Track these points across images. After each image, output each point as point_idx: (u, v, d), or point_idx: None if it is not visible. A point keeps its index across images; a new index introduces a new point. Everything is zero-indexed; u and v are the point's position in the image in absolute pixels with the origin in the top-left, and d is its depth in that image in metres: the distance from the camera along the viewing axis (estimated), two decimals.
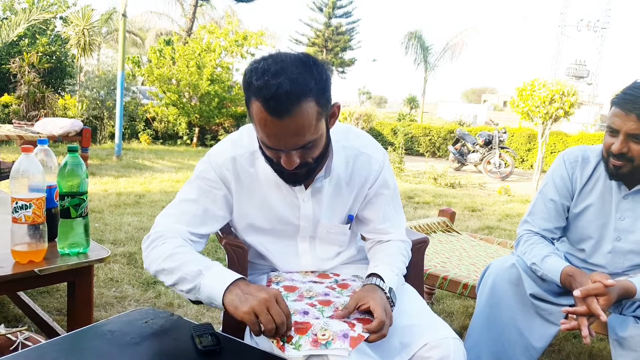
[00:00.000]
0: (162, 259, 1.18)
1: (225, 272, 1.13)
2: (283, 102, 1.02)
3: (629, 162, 1.50)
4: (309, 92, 1.04)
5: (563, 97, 8.73)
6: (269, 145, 1.11)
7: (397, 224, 1.41)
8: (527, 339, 1.61)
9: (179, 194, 1.32)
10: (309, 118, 1.06)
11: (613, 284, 1.37)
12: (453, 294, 2.88)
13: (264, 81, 1.02)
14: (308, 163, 1.15)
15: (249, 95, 1.08)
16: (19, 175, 1.47)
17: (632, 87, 1.49)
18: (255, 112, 1.07)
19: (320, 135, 1.12)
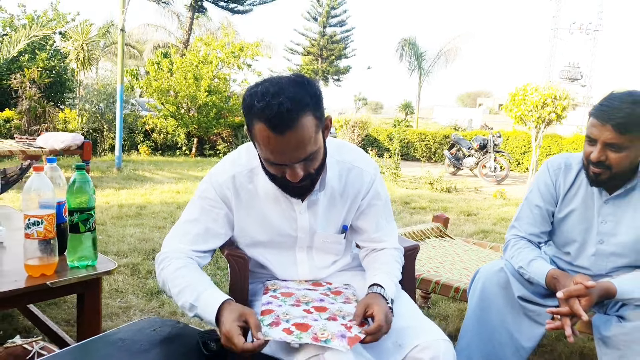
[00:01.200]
0: (168, 283, 1.29)
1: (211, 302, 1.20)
2: (285, 119, 1.11)
3: (607, 170, 1.59)
4: (306, 107, 1.14)
5: (555, 101, 8.85)
6: (274, 161, 1.19)
7: (390, 232, 1.49)
8: (516, 339, 1.69)
9: (183, 214, 1.41)
10: (308, 131, 1.15)
11: (593, 285, 1.45)
12: (449, 298, 2.96)
13: (266, 102, 1.11)
14: (311, 174, 1.23)
15: (250, 118, 1.17)
16: (31, 193, 1.55)
17: (607, 98, 1.58)
18: (259, 132, 1.15)
19: (320, 147, 1.21)
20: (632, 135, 1.51)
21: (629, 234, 1.66)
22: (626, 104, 1.51)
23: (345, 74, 30.01)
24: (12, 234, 1.92)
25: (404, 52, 26.76)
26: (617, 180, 1.63)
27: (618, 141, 1.52)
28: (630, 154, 1.55)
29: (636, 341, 1.46)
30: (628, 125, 1.50)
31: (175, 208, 5.24)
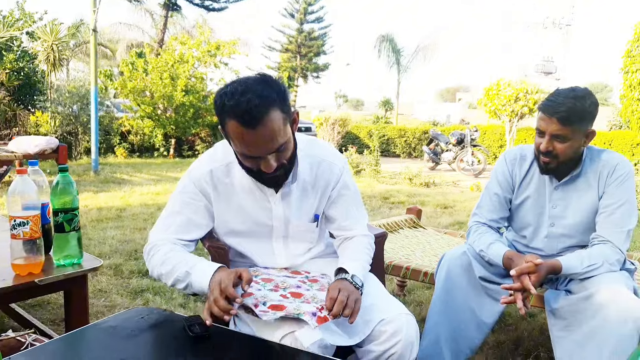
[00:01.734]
0: (158, 265, 1.41)
1: (206, 267, 1.36)
2: (254, 114, 1.22)
3: (555, 159, 1.74)
4: (273, 102, 1.25)
5: (527, 95, 9.13)
6: (249, 154, 1.30)
7: (359, 220, 1.62)
8: (478, 316, 1.84)
9: (165, 209, 1.52)
10: (277, 124, 1.26)
11: (541, 263, 1.61)
12: (423, 286, 3.11)
13: (235, 100, 1.23)
14: (284, 165, 1.35)
15: (223, 117, 1.28)
16: (16, 195, 1.62)
17: (553, 94, 1.73)
18: (232, 129, 1.26)
19: (289, 138, 1.33)
20: (574, 127, 1.67)
21: (575, 216, 1.82)
22: (569, 99, 1.66)
23: (325, 71, 30.12)
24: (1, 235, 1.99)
25: (382, 49, 27.02)
26: (564, 168, 1.78)
27: (563, 132, 1.67)
28: (574, 144, 1.71)
29: (579, 311, 1.62)
30: (570, 118, 1.65)
31: (156, 209, 5.30)
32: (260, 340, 1.26)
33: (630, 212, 1.75)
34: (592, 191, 1.80)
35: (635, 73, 8.16)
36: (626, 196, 1.75)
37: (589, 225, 1.81)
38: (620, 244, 1.71)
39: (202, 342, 1.22)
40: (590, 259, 1.67)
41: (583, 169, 1.81)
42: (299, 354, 1.21)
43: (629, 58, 8.29)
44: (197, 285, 1.35)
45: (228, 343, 1.25)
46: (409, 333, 1.35)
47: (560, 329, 1.70)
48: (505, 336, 2.49)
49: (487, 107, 9.74)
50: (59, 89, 12.07)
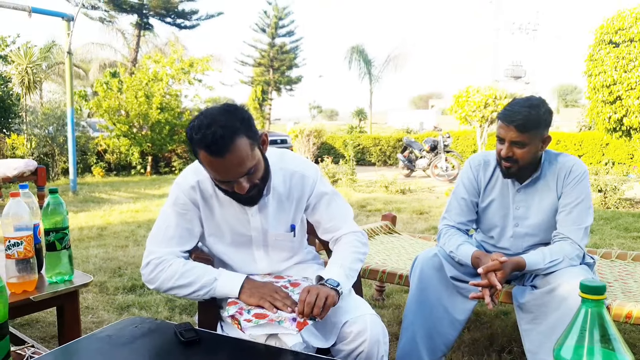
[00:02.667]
0: (176, 277, 1.50)
1: (233, 276, 1.51)
2: (220, 144, 1.32)
3: (515, 163, 1.88)
4: (238, 130, 1.35)
5: (496, 101, 9.42)
6: (221, 179, 1.42)
7: (344, 218, 1.67)
8: (451, 314, 1.96)
9: (160, 222, 1.59)
10: (245, 150, 1.36)
11: (506, 260, 1.74)
12: (401, 290, 3.23)
13: (202, 134, 1.33)
14: (256, 185, 1.45)
15: (194, 147, 1.40)
16: (10, 217, 1.70)
17: (511, 104, 1.88)
18: (203, 158, 1.38)
19: (258, 160, 1.42)
20: (530, 133, 1.81)
21: (537, 216, 1.97)
22: (524, 108, 1.81)
23: (298, 84, 30.32)
24: None
25: (353, 60, 27.37)
26: (524, 172, 1.93)
27: (520, 139, 1.82)
28: (532, 149, 1.85)
29: (544, 304, 1.76)
30: (527, 125, 1.80)
31: (136, 227, 5.34)
32: (247, 342, 1.35)
33: (587, 210, 1.90)
34: (552, 192, 1.95)
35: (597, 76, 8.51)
36: (582, 195, 1.90)
37: (551, 224, 1.96)
38: (579, 240, 1.86)
39: (193, 347, 1.31)
40: (552, 255, 1.80)
41: (542, 171, 1.95)
42: (284, 353, 1.31)
43: (591, 62, 8.64)
44: (223, 291, 1.49)
45: (217, 346, 1.34)
46: (374, 332, 1.42)
47: (528, 322, 1.84)
48: (480, 333, 2.62)
49: (457, 114, 10.01)
50: (34, 111, 11.98)
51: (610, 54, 8.24)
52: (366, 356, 1.42)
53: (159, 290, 1.55)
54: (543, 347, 1.77)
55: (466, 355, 2.38)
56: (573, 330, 0.75)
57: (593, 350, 0.72)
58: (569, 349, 0.74)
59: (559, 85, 63.46)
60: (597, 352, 0.72)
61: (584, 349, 0.73)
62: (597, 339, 0.73)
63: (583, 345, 0.73)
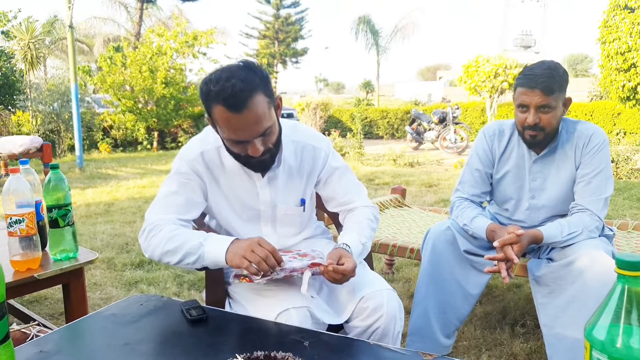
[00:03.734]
0: (164, 243, 1.40)
1: (220, 239, 1.38)
2: (239, 98, 1.25)
3: (541, 131, 1.80)
4: (257, 87, 1.28)
5: (506, 70, 9.22)
6: (236, 139, 1.33)
7: (357, 192, 1.63)
8: (464, 288, 1.91)
9: (162, 190, 1.52)
10: (262, 107, 1.29)
11: (523, 233, 1.68)
12: (411, 263, 3.20)
13: (221, 86, 1.26)
14: (270, 149, 1.38)
15: (209, 103, 1.31)
16: (10, 193, 1.66)
17: (528, 69, 1.79)
18: (219, 115, 1.29)
19: (274, 123, 1.36)
20: (555, 95, 1.73)
21: (555, 188, 1.90)
22: (545, 70, 1.74)
23: (303, 56, 29.93)
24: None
25: (359, 31, 26.93)
26: (548, 140, 1.85)
27: (547, 102, 1.73)
28: (557, 113, 1.77)
29: (561, 277, 1.70)
30: (552, 87, 1.72)
31: (143, 202, 5.32)
32: (256, 319, 1.31)
33: (607, 180, 1.82)
34: (570, 162, 1.87)
35: (612, 43, 8.29)
36: (602, 165, 1.82)
37: (568, 195, 1.89)
38: (599, 211, 1.79)
39: (200, 325, 1.27)
40: (570, 227, 1.74)
41: (560, 140, 1.87)
42: (294, 330, 1.27)
43: (605, 28, 8.40)
44: (211, 257, 1.36)
45: (224, 324, 1.30)
46: (391, 307, 1.39)
47: (544, 296, 1.79)
48: (493, 307, 2.59)
49: (467, 85, 9.83)
50: (38, 88, 11.93)
51: (625, 20, 8.00)
52: (382, 332, 1.39)
53: (152, 258, 1.45)
54: (559, 321, 1.72)
55: (479, 329, 2.35)
56: (607, 308, 0.69)
57: (631, 330, 0.66)
58: (603, 328, 0.68)
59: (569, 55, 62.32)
60: (635, 332, 0.66)
61: (619, 329, 0.67)
62: (635, 317, 0.66)
63: (618, 324, 0.67)
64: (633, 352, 0.66)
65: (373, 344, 1.17)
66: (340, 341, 1.20)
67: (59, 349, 1.17)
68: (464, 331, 2.32)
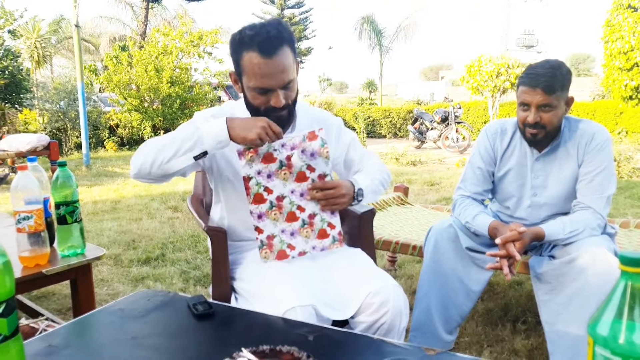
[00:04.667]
0: (153, 144, 1.44)
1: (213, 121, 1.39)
2: (272, 43, 1.35)
3: (542, 129, 1.81)
4: (286, 39, 1.39)
5: (509, 70, 9.22)
6: (262, 86, 1.39)
7: (370, 156, 1.75)
8: (466, 285, 1.93)
9: None
10: (289, 59, 1.39)
11: (525, 231, 1.70)
12: (413, 260, 3.22)
13: (256, 30, 1.36)
14: (288, 105, 1.44)
15: (240, 51, 1.38)
16: (18, 190, 1.69)
17: (531, 68, 1.80)
18: (249, 61, 1.37)
19: (295, 79, 1.44)
20: (557, 94, 1.75)
21: (557, 185, 1.91)
22: (547, 69, 1.75)
23: (307, 56, 29.99)
24: (2, 231, 2.05)
25: (363, 30, 26.92)
26: (550, 138, 1.86)
27: (548, 101, 1.75)
28: (558, 112, 1.79)
29: (563, 274, 1.72)
30: (554, 86, 1.73)
31: (150, 200, 5.36)
32: (262, 315, 1.34)
33: (610, 178, 1.83)
34: (572, 160, 1.88)
35: (615, 42, 8.27)
36: (605, 163, 1.83)
37: (570, 193, 1.90)
38: (601, 209, 1.80)
39: (206, 320, 1.30)
40: (572, 224, 1.75)
41: (562, 139, 1.89)
42: (299, 325, 1.29)
43: (608, 27, 8.38)
44: (211, 136, 1.36)
45: (231, 320, 1.32)
46: (397, 303, 1.41)
47: (545, 293, 1.80)
48: (494, 303, 2.60)
49: (469, 84, 9.83)
50: (45, 86, 11.99)
51: (629, 19, 7.99)
52: (388, 327, 1.40)
53: (144, 168, 1.43)
54: (561, 318, 1.74)
55: (480, 325, 2.37)
56: (610, 305, 0.70)
57: (634, 327, 0.67)
58: (606, 324, 0.69)
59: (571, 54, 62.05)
60: (638, 329, 0.67)
61: (622, 325, 0.68)
62: (638, 314, 0.67)
63: (622, 320, 0.68)
64: (636, 348, 0.67)
65: (377, 339, 1.19)
66: (344, 336, 1.22)
67: (67, 343, 1.20)
68: (466, 327, 2.33)
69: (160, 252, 3.48)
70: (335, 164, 1.71)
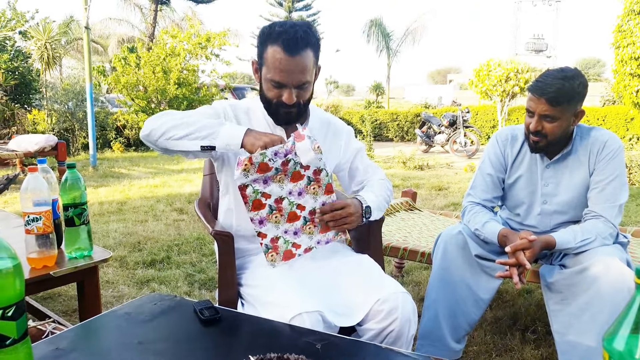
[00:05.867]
0: (174, 116, 1.48)
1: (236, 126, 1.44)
2: (298, 42, 1.40)
3: (544, 138, 1.80)
4: (312, 43, 1.44)
5: (518, 75, 9.18)
6: (279, 80, 1.43)
7: (375, 169, 1.79)
8: (475, 292, 1.91)
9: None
10: (310, 61, 1.44)
11: (535, 239, 1.68)
12: (421, 267, 3.19)
13: (285, 28, 1.41)
14: (299, 104, 1.48)
15: (266, 44, 1.43)
16: (28, 192, 1.69)
17: (543, 75, 1.78)
18: (272, 54, 1.41)
19: (312, 81, 1.49)
20: (562, 107, 1.72)
21: (567, 193, 1.89)
22: (557, 80, 1.72)
23: None
24: (11, 232, 2.05)
25: (371, 33, 26.92)
26: (554, 147, 1.85)
27: (551, 112, 1.73)
28: (563, 124, 1.76)
29: (574, 284, 1.69)
30: (559, 99, 1.71)
31: (155, 202, 5.37)
32: (269, 321, 1.33)
33: (621, 187, 1.81)
34: (583, 168, 1.86)
35: (626, 48, 8.21)
36: (617, 171, 1.81)
37: (581, 201, 1.88)
38: (613, 218, 1.78)
39: (213, 325, 1.29)
40: (584, 233, 1.73)
41: (574, 147, 1.87)
42: (306, 332, 1.28)
43: (619, 33, 8.32)
44: (226, 135, 1.40)
45: (237, 325, 1.32)
46: (406, 311, 1.40)
47: (556, 302, 1.78)
48: (503, 312, 2.58)
49: (478, 88, 9.79)
50: (54, 87, 12.06)
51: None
52: (396, 335, 1.39)
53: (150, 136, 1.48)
54: (572, 328, 1.71)
55: (489, 334, 2.34)
56: (627, 319, 0.69)
57: None
58: (622, 339, 0.68)
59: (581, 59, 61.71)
60: None
61: (638, 340, 0.67)
62: None
63: (638, 335, 0.67)
64: None
65: (385, 348, 1.18)
66: (352, 344, 1.20)
67: (74, 346, 1.19)
68: (474, 336, 2.31)
69: (165, 255, 3.48)
70: (340, 169, 1.75)
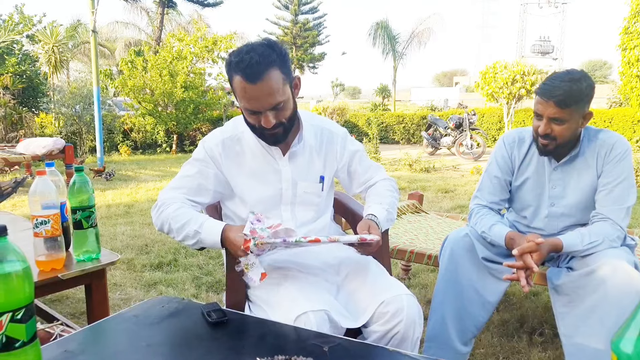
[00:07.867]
0: (169, 220, 1.52)
1: (213, 226, 1.47)
2: (254, 70, 1.35)
3: (553, 140, 1.79)
4: (273, 62, 1.38)
5: (524, 77, 9.15)
6: (250, 109, 1.42)
7: (376, 169, 1.77)
8: (482, 295, 1.90)
9: (179, 172, 1.65)
10: (276, 82, 1.38)
11: (543, 242, 1.67)
12: (427, 269, 3.19)
13: (240, 57, 1.38)
14: (282, 123, 1.45)
15: (230, 73, 1.41)
16: (37, 195, 1.70)
17: (550, 78, 1.78)
18: (237, 84, 1.40)
19: (288, 98, 1.44)
20: (571, 109, 1.72)
21: (575, 196, 1.88)
22: (565, 82, 1.71)
23: (321, 61, 30.06)
24: (19, 235, 2.07)
25: (377, 36, 26.93)
26: (562, 149, 1.84)
27: (560, 115, 1.73)
28: (571, 126, 1.76)
29: (581, 286, 1.69)
30: (567, 101, 1.70)
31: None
32: (276, 323, 1.33)
33: (629, 189, 1.80)
34: (591, 170, 1.85)
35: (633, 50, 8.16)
36: (625, 174, 1.80)
37: (589, 204, 1.87)
38: (620, 221, 1.76)
39: (221, 328, 1.29)
40: (591, 236, 1.72)
41: (581, 149, 1.86)
42: (313, 335, 1.28)
43: (626, 35, 8.28)
44: (209, 242, 1.47)
45: (245, 328, 1.32)
46: (411, 313, 1.39)
47: (563, 305, 1.77)
48: (510, 314, 2.57)
49: (484, 91, 9.78)
50: (61, 90, 12.15)
51: None
52: (401, 337, 1.39)
53: (162, 232, 1.58)
54: (579, 331, 1.70)
55: (496, 337, 2.33)
56: (635, 321, 0.69)
57: None
58: (630, 341, 0.68)
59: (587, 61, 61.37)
60: None
61: None
62: None
63: None
64: None
65: (392, 351, 1.18)
66: (359, 347, 1.20)
67: (83, 349, 1.20)
68: (481, 339, 2.30)
69: (172, 257, 3.50)
70: (339, 173, 1.74)
